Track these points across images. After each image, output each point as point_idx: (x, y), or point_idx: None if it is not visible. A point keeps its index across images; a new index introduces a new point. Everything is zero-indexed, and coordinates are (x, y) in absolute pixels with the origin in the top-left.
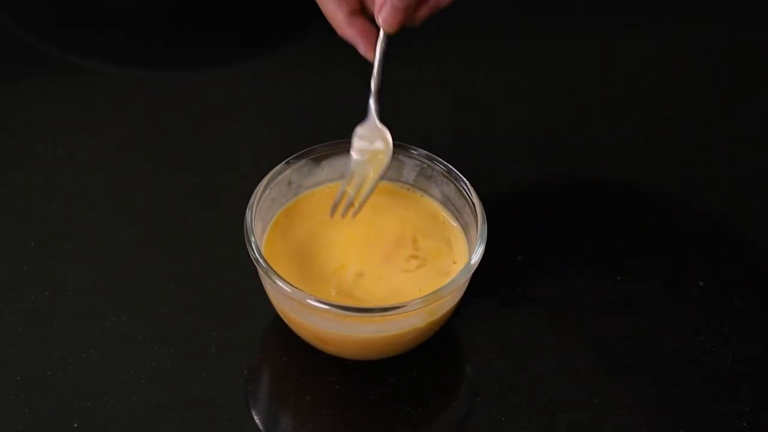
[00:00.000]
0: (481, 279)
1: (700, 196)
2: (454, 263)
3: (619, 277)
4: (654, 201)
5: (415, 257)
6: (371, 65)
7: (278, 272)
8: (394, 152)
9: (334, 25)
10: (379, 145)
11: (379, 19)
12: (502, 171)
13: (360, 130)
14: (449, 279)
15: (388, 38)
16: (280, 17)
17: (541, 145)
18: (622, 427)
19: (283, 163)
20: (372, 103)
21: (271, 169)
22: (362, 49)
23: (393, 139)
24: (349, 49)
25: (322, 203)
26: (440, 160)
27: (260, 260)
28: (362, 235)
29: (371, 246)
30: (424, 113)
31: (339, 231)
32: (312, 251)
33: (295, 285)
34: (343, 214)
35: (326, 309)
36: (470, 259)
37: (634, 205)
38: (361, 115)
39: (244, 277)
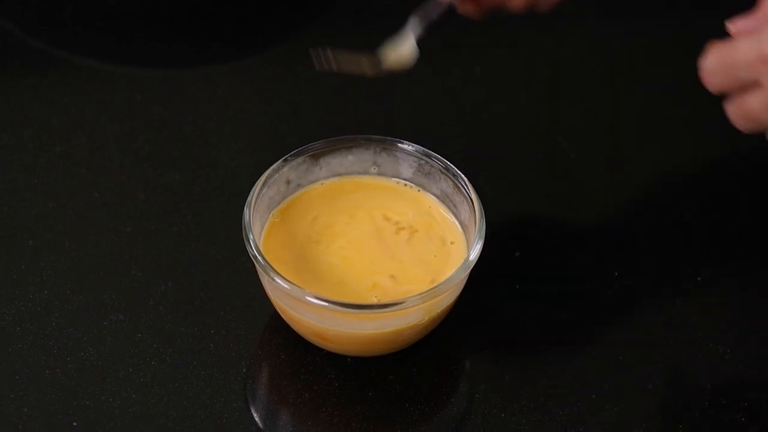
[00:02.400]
0: (479, 275)
1: (699, 191)
2: (452, 243)
3: (617, 273)
4: (652, 196)
5: (401, 228)
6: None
7: (277, 269)
8: (391, 149)
9: None
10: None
11: None
12: (500, 167)
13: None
14: (450, 254)
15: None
16: (276, 14)
17: (539, 140)
18: (621, 423)
19: (281, 160)
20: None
21: (268, 167)
22: None
23: (390, 137)
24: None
25: (320, 200)
26: (438, 156)
27: (259, 258)
28: (357, 251)
29: (371, 250)
30: (421, 110)
31: (337, 229)
32: (311, 250)
33: (293, 282)
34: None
35: (325, 306)
36: (468, 256)
37: (632, 200)
38: (359, 116)
39: (242, 274)
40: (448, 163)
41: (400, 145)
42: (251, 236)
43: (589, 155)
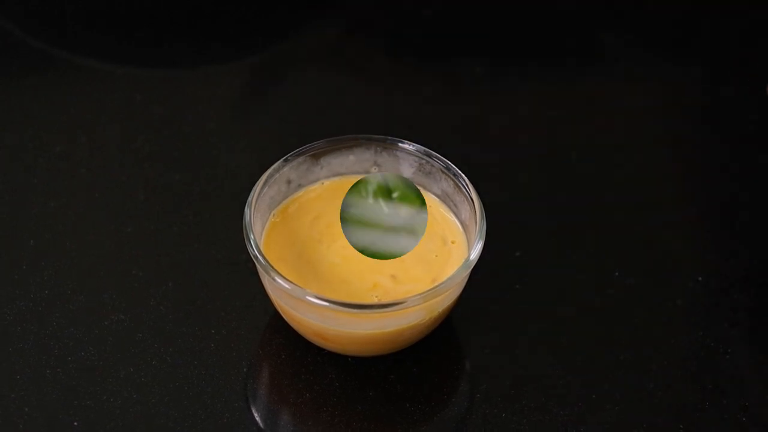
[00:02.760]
0: (479, 275)
1: (700, 191)
2: (453, 243)
3: (617, 273)
4: (653, 196)
5: None
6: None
7: (277, 269)
8: (392, 149)
9: None
10: None
11: None
12: (501, 167)
13: None
14: (451, 254)
15: None
16: (276, 14)
17: (539, 140)
18: (621, 422)
19: (282, 160)
20: None
21: (269, 167)
22: None
23: (391, 136)
24: (347, 46)
25: (321, 200)
26: (439, 156)
27: (259, 257)
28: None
29: None
30: (421, 110)
31: (338, 229)
32: (312, 249)
33: (294, 282)
34: None
35: (325, 306)
36: (469, 255)
37: (632, 200)
38: (360, 116)
39: (243, 274)
40: (449, 162)
41: (400, 144)
42: (252, 236)
43: (590, 155)
